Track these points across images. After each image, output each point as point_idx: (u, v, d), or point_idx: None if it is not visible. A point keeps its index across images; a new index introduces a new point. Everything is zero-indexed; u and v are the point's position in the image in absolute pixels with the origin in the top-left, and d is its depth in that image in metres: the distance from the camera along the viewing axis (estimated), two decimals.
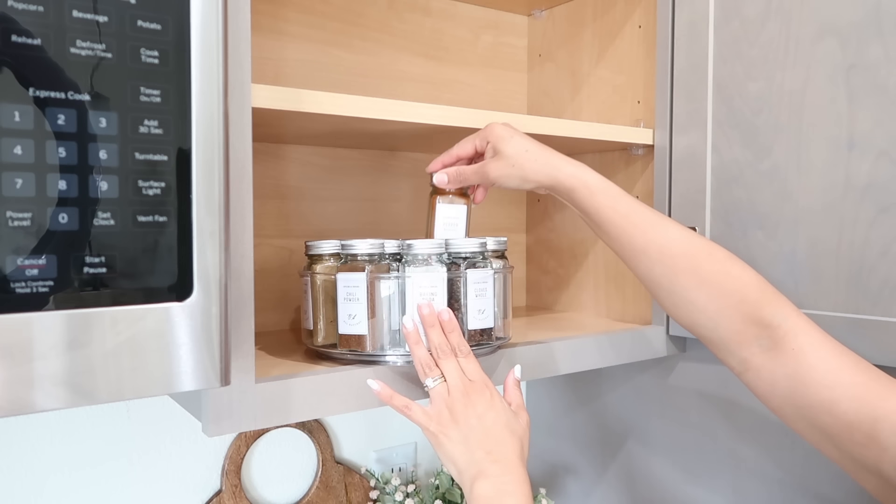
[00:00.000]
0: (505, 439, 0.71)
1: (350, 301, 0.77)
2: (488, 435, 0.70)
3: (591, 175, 0.77)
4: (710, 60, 0.93)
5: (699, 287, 0.70)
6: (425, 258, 0.76)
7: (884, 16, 0.77)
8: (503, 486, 0.68)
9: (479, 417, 0.71)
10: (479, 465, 0.69)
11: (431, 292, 0.75)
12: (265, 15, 0.99)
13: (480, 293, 0.78)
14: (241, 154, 0.65)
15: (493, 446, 0.70)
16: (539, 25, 1.24)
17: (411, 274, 0.75)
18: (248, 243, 0.66)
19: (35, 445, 0.90)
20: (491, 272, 0.79)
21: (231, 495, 1.01)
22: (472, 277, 0.78)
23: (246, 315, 0.67)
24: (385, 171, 1.12)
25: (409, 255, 0.76)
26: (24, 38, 0.48)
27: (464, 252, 0.78)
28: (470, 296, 0.77)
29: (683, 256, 0.71)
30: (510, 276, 0.85)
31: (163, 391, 0.55)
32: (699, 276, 0.70)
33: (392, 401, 0.73)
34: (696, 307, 0.71)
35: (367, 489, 1.12)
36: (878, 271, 0.78)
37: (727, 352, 0.70)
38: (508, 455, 0.70)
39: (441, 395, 0.72)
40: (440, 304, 0.76)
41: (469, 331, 0.78)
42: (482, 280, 0.78)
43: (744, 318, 0.68)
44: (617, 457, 1.15)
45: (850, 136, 0.80)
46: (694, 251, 0.71)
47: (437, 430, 0.72)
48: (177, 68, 0.54)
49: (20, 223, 0.48)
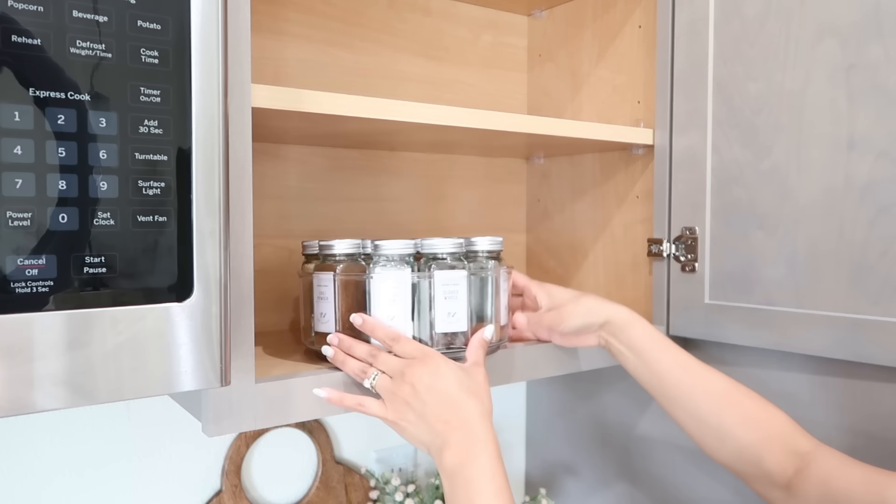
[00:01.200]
0: (460, 403, 0.69)
1: (321, 300, 0.78)
2: (443, 404, 0.69)
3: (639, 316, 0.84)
4: (710, 60, 0.93)
5: (744, 423, 0.76)
6: (391, 259, 0.75)
7: (883, 16, 0.77)
8: (467, 453, 0.67)
9: (428, 389, 0.69)
10: (441, 437, 0.68)
11: (395, 293, 0.74)
12: (265, 15, 0.99)
13: (451, 295, 0.76)
14: (241, 154, 0.65)
15: (449, 415, 0.69)
16: (539, 25, 1.24)
17: (377, 274, 0.75)
18: (248, 243, 0.66)
19: (35, 446, 0.90)
20: (465, 273, 0.77)
21: (231, 495, 1.01)
22: (441, 279, 0.75)
23: (246, 315, 0.67)
24: (385, 171, 1.12)
25: (376, 255, 0.75)
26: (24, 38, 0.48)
27: (440, 253, 0.76)
28: (438, 298, 0.75)
29: (728, 396, 0.77)
30: (506, 278, 0.83)
31: (163, 391, 0.55)
32: (743, 413, 0.76)
33: (343, 402, 0.72)
34: (742, 443, 0.75)
35: (367, 489, 1.12)
36: (878, 271, 0.78)
37: (769, 483, 0.74)
38: (467, 418, 0.69)
39: (385, 386, 0.71)
40: (404, 305, 0.75)
41: (436, 334, 0.76)
42: (453, 282, 0.76)
43: (786, 452, 0.73)
44: (617, 457, 1.15)
45: (850, 136, 0.80)
46: (734, 391, 0.78)
47: (395, 417, 0.71)
48: (177, 68, 0.54)
49: (20, 223, 0.48)
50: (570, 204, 1.19)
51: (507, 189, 1.25)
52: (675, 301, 0.99)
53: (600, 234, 1.13)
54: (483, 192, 1.22)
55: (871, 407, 0.82)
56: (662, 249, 0.99)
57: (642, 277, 1.05)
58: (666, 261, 1.00)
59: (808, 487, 0.71)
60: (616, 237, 1.10)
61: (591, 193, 1.14)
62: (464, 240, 0.78)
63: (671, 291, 0.99)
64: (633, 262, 1.07)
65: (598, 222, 1.13)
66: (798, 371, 0.89)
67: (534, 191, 1.26)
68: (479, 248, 0.81)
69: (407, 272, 0.74)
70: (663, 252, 0.99)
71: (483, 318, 0.80)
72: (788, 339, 0.86)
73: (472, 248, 0.80)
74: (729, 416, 0.76)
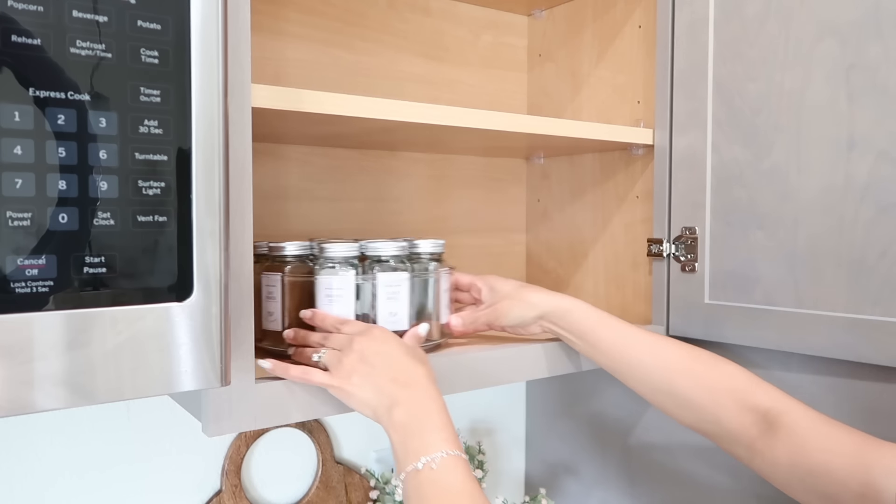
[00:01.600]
0: (408, 364, 0.70)
1: (269, 300, 0.81)
2: (391, 365, 0.70)
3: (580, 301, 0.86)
4: (710, 60, 0.93)
5: (696, 386, 0.77)
6: (336, 261, 0.78)
7: (883, 16, 0.77)
8: (419, 407, 0.68)
9: (376, 353, 0.70)
10: (389, 395, 0.68)
11: (339, 294, 0.77)
12: (265, 15, 0.99)
13: (392, 296, 0.79)
14: (241, 154, 0.65)
15: (397, 373, 0.69)
16: (539, 25, 1.24)
17: (322, 276, 0.77)
18: (248, 243, 0.66)
19: (35, 446, 0.90)
20: (406, 275, 0.80)
21: (231, 495, 1.01)
22: (383, 280, 0.79)
23: (246, 315, 0.67)
24: (385, 171, 1.12)
25: (322, 258, 0.78)
26: (24, 38, 0.48)
27: (383, 255, 0.80)
28: (381, 298, 0.79)
29: (677, 361, 0.79)
30: (447, 279, 0.86)
31: (163, 391, 0.55)
32: (693, 376, 0.78)
33: (288, 372, 0.71)
34: (696, 405, 0.77)
35: (367, 489, 1.13)
36: (878, 271, 0.78)
37: (733, 442, 0.74)
38: (415, 377, 0.70)
39: (331, 358, 0.71)
40: (348, 306, 0.77)
41: None
42: (395, 283, 0.79)
43: (740, 408, 0.74)
44: (617, 456, 1.15)
45: (850, 136, 0.80)
46: (683, 356, 0.79)
47: (340, 383, 0.70)
48: (177, 68, 0.54)
49: (20, 223, 0.48)
50: (570, 204, 1.19)
51: (507, 189, 1.25)
52: (674, 301, 0.99)
53: (600, 234, 1.13)
54: (483, 192, 1.22)
55: (871, 407, 0.82)
56: (662, 249, 0.99)
57: (642, 277, 1.05)
58: (666, 261, 1.00)
59: (777, 451, 0.69)
60: (616, 237, 1.10)
61: (591, 193, 1.14)
62: (407, 242, 0.82)
63: (671, 291, 0.99)
64: (633, 262, 1.07)
65: (598, 222, 1.13)
66: (798, 371, 0.89)
67: (534, 191, 1.26)
68: (423, 251, 0.84)
69: (351, 274, 0.78)
70: (663, 252, 0.99)
71: (424, 317, 0.83)
72: (788, 339, 0.86)
73: (416, 250, 0.84)
74: (680, 381, 0.78)
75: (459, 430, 1.20)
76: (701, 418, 0.77)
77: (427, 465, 0.64)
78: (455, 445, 0.66)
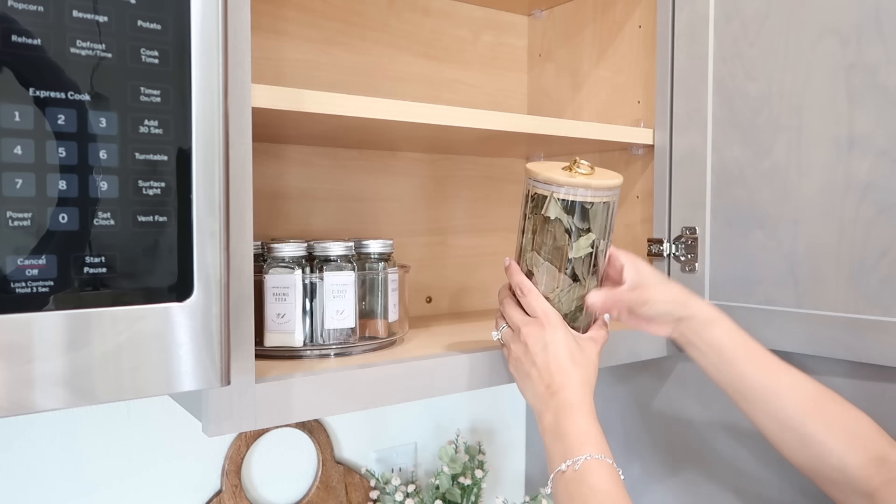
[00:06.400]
0: (565, 369, 0.73)
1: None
2: (548, 368, 0.73)
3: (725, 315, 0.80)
4: (710, 60, 0.93)
5: (830, 429, 0.73)
6: (283, 260, 0.80)
7: (884, 16, 0.77)
8: (563, 412, 0.71)
9: (538, 352, 0.74)
10: (542, 401, 0.73)
11: (285, 292, 0.79)
12: (265, 15, 0.99)
13: (339, 294, 0.81)
14: (241, 154, 0.65)
15: (551, 379, 0.72)
16: (539, 25, 1.24)
17: (269, 275, 0.80)
18: (248, 243, 0.66)
19: (35, 446, 0.90)
20: (353, 275, 0.82)
21: (231, 495, 1.01)
22: (330, 280, 0.81)
23: (246, 315, 0.67)
24: (385, 171, 1.12)
25: (269, 257, 0.80)
26: (24, 38, 0.48)
27: (331, 255, 0.82)
28: (328, 297, 0.81)
29: (813, 400, 0.74)
30: (398, 276, 0.87)
31: (163, 391, 0.55)
32: (829, 418, 0.73)
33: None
34: (826, 448, 0.73)
35: (367, 489, 1.12)
36: (878, 271, 0.78)
37: (852, 490, 0.71)
38: (567, 383, 0.72)
39: (507, 338, 0.77)
40: (294, 304, 0.80)
41: (326, 331, 0.81)
42: (341, 282, 0.81)
43: (870, 456, 0.71)
44: (616, 457, 1.15)
45: (850, 136, 0.80)
46: (820, 395, 0.75)
47: (512, 370, 0.77)
48: (177, 68, 0.54)
49: (20, 223, 0.48)
50: None
51: (507, 189, 1.25)
52: None
53: None
54: (483, 192, 1.22)
55: (871, 407, 0.82)
56: (662, 249, 0.99)
57: None
58: (666, 261, 1.00)
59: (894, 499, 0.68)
60: (616, 237, 1.10)
61: None
62: (353, 242, 0.84)
63: None
64: None
65: None
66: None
67: None
68: (371, 251, 0.86)
69: (297, 273, 0.80)
70: (663, 252, 0.99)
71: (373, 315, 0.86)
72: (788, 339, 0.86)
73: (364, 250, 0.86)
74: (814, 421, 0.73)
75: (459, 430, 1.20)
76: (825, 462, 0.73)
77: (570, 467, 0.67)
78: (598, 449, 0.68)
